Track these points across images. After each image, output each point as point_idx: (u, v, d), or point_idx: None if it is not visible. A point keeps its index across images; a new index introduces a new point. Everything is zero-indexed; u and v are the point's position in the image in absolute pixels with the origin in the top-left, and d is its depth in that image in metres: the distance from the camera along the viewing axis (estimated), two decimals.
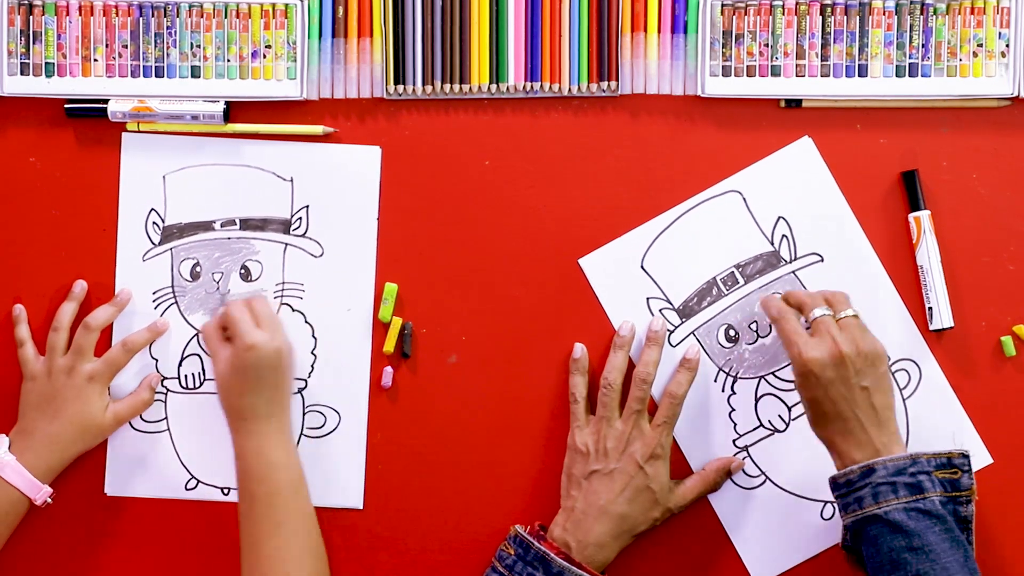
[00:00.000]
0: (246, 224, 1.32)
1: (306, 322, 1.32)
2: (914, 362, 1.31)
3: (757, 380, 1.32)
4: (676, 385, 1.29)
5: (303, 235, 1.32)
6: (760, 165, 1.31)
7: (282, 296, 1.32)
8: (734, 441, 1.32)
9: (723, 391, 1.31)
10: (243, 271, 1.32)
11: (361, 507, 1.32)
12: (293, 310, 1.32)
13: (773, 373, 1.31)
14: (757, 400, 1.32)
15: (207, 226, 1.32)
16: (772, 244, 1.31)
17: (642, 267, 1.31)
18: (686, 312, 1.31)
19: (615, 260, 1.31)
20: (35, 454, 1.26)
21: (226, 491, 1.32)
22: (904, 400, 1.31)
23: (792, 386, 1.30)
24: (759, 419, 1.31)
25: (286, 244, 1.32)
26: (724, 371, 1.31)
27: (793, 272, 1.31)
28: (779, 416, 1.31)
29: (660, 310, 1.31)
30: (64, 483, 1.30)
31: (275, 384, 1.23)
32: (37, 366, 1.29)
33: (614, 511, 1.25)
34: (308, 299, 1.32)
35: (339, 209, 1.32)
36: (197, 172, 1.32)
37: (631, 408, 1.27)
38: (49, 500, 1.27)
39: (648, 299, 1.31)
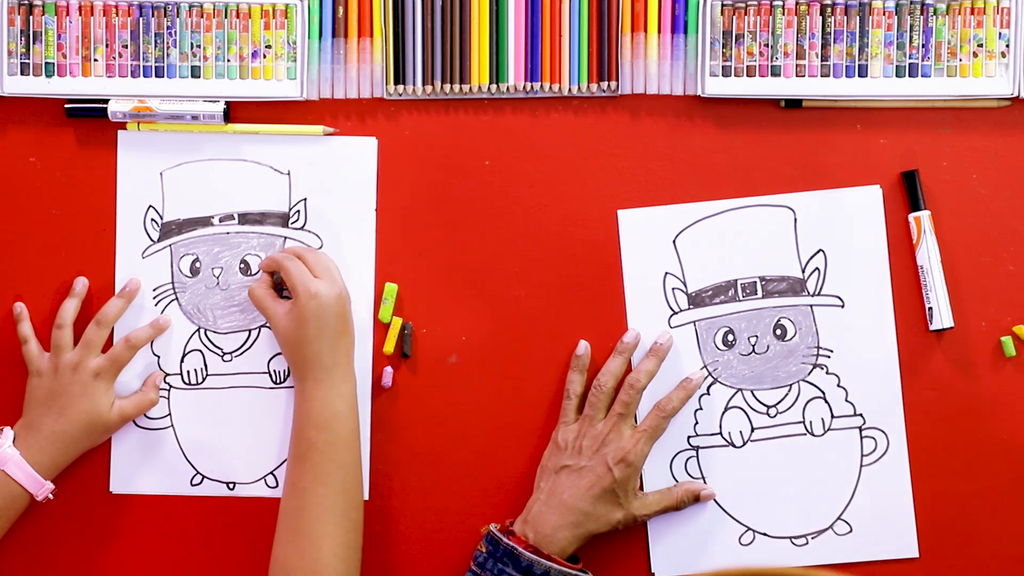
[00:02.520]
0: (244, 218, 1.33)
1: None
2: (884, 434, 1.31)
3: (734, 391, 1.32)
4: (667, 400, 1.29)
5: (302, 228, 1.32)
6: (823, 193, 1.31)
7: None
8: (688, 437, 1.32)
9: (698, 388, 1.32)
10: (243, 265, 1.33)
11: (367, 498, 1.32)
12: None
13: (752, 391, 1.32)
14: (726, 409, 1.32)
15: (205, 221, 1.32)
16: (803, 272, 1.31)
17: (673, 242, 1.31)
18: (696, 301, 1.31)
19: (652, 224, 1.31)
20: (40, 450, 1.26)
21: (231, 486, 1.32)
22: (861, 467, 1.31)
23: (762, 408, 1.31)
24: (720, 427, 1.32)
25: (285, 237, 1.32)
26: (708, 370, 1.32)
27: (811, 306, 1.31)
28: (740, 432, 1.31)
29: (672, 289, 1.31)
30: (69, 481, 1.30)
31: (340, 331, 1.25)
32: (42, 362, 1.29)
33: (575, 507, 1.25)
34: None
35: (337, 201, 1.32)
36: (194, 168, 1.32)
37: (615, 411, 1.28)
38: (50, 496, 1.27)
39: (666, 274, 1.31)
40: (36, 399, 1.28)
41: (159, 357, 1.33)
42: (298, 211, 1.32)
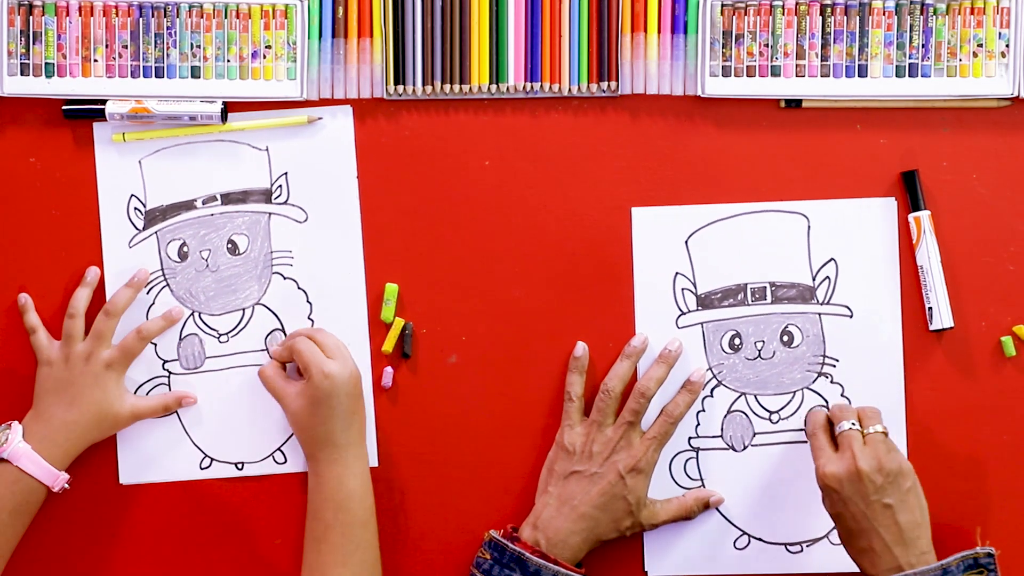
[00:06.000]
0: (227, 198, 1.33)
1: (299, 288, 1.32)
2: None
3: (738, 395, 1.32)
4: (674, 406, 1.29)
5: (285, 202, 1.32)
6: (838, 203, 1.31)
7: (272, 266, 1.32)
8: (689, 439, 1.32)
9: (702, 388, 1.31)
10: (230, 245, 1.33)
11: (376, 464, 1.32)
12: (284, 278, 1.32)
13: (755, 396, 1.32)
14: (729, 411, 1.32)
15: (189, 205, 1.33)
16: (813, 280, 1.31)
17: (686, 243, 1.31)
18: (704, 303, 1.31)
19: (665, 223, 1.31)
20: (52, 441, 1.26)
21: (240, 466, 1.32)
22: None
23: (765, 413, 1.31)
24: (722, 430, 1.32)
25: (269, 213, 1.32)
26: (712, 372, 1.32)
27: (819, 314, 1.31)
28: (741, 436, 1.32)
29: (682, 289, 1.31)
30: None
31: (352, 410, 1.25)
32: (53, 352, 1.29)
33: (587, 514, 1.25)
34: (298, 265, 1.32)
35: (318, 172, 1.32)
36: (172, 152, 1.32)
37: (624, 418, 1.28)
38: (66, 486, 1.27)
39: (676, 274, 1.31)
40: (46, 389, 1.28)
41: (156, 345, 1.33)
42: (280, 186, 1.32)
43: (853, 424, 1.23)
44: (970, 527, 1.30)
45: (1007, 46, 1.30)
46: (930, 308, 1.30)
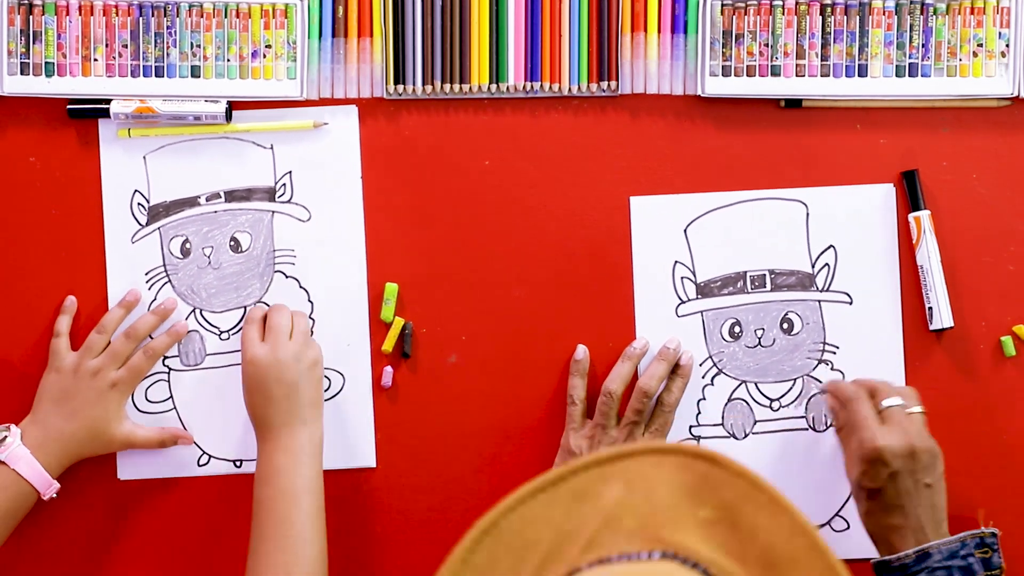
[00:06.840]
0: (231, 196, 1.33)
1: (301, 287, 1.32)
2: None
3: (738, 383, 1.32)
4: (667, 393, 1.29)
5: (289, 201, 1.32)
6: (836, 189, 1.31)
7: (274, 264, 1.32)
8: (690, 427, 1.32)
9: (703, 377, 1.32)
10: (233, 243, 1.33)
11: (374, 465, 1.32)
12: (287, 277, 1.32)
13: (756, 384, 1.32)
14: (729, 400, 1.32)
15: (192, 202, 1.33)
16: (812, 267, 1.31)
17: (684, 231, 1.32)
18: (704, 291, 1.32)
19: (664, 212, 1.32)
20: (47, 449, 1.26)
21: (238, 463, 1.32)
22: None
23: (766, 401, 1.31)
24: (723, 419, 1.32)
25: (273, 212, 1.33)
26: (713, 360, 1.32)
27: (819, 301, 1.31)
28: (742, 425, 1.32)
29: (681, 278, 1.31)
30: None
31: (284, 394, 1.24)
32: (66, 360, 1.29)
33: None
34: (300, 264, 1.32)
35: (322, 171, 1.32)
36: (177, 149, 1.32)
37: (628, 418, 1.28)
38: (55, 495, 1.27)
39: (676, 262, 1.32)
40: (49, 396, 1.28)
41: (153, 338, 1.32)
42: (284, 184, 1.32)
43: (900, 401, 1.22)
44: (970, 526, 1.30)
45: (1007, 46, 1.30)
46: (930, 308, 1.30)
